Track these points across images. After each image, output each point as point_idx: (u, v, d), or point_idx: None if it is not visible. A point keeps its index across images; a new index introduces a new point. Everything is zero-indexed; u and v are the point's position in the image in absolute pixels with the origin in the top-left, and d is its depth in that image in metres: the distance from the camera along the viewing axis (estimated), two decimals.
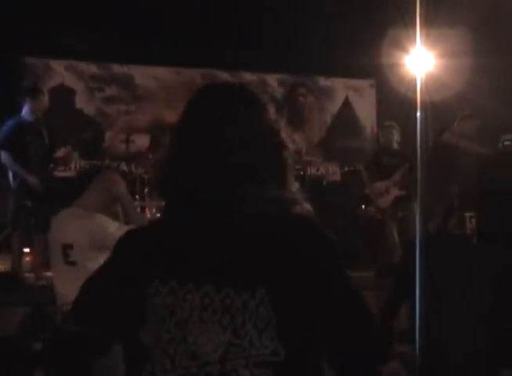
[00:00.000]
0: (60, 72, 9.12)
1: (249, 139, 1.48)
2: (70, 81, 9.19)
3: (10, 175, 6.26)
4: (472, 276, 2.41)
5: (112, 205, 3.81)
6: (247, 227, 1.45)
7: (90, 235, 3.50)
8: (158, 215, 6.98)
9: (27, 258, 6.60)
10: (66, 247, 3.58)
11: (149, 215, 6.92)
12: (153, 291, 1.43)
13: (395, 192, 7.22)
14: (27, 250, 6.57)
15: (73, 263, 3.55)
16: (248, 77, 10.12)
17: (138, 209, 6.88)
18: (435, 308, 2.41)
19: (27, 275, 6.38)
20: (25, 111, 6.36)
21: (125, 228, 3.36)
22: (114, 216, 3.74)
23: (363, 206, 8.44)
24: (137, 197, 6.97)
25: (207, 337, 1.39)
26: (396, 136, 7.56)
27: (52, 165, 6.82)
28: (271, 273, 1.40)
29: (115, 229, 3.45)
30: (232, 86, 1.69)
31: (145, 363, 1.42)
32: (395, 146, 7.58)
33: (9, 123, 6.26)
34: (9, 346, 3.88)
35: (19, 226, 6.26)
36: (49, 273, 5.02)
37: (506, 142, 6.91)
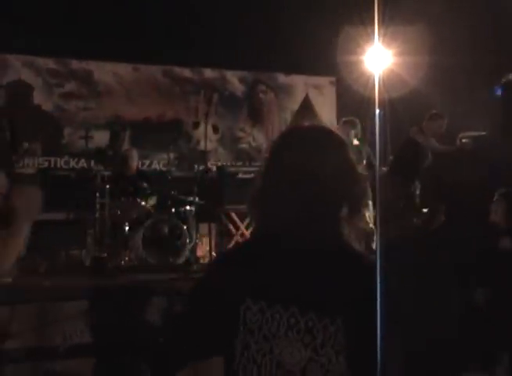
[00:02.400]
0: (17, 67, 8.97)
1: (335, 178, 1.65)
2: (28, 76, 9.06)
3: None
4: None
5: None
6: (328, 261, 1.67)
7: None
8: (119, 212, 6.90)
9: None
10: None
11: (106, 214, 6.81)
12: (245, 307, 1.64)
13: None
14: None
15: None
16: (209, 73, 10.11)
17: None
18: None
19: None
20: None
21: None
22: None
23: None
24: (97, 194, 6.87)
25: (291, 351, 1.62)
26: (355, 131, 7.60)
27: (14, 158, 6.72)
28: (347, 305, 1.63)
29: None
30: (315, 129, 1.79)
31: (233, 368, 1.63)
32: (355, 141, 7.63)
33: None
34: None
35: None
36: None
37: (464, 140, 7.02)
